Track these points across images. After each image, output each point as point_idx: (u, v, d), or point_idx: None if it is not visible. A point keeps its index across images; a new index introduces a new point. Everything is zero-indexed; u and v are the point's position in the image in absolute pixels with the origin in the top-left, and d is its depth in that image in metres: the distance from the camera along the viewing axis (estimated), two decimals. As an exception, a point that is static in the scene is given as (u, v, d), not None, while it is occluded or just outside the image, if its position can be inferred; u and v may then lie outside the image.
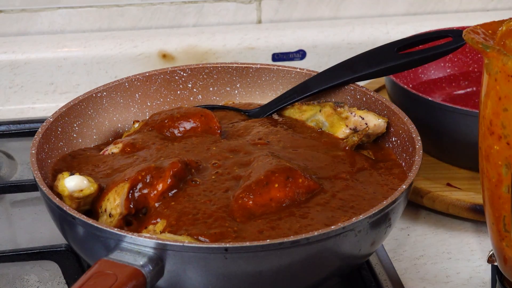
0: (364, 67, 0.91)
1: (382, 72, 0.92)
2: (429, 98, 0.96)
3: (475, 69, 1.17)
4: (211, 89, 1.00)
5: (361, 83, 0.95)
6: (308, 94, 0.94)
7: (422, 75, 1.15)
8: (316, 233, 0.68)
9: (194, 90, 1.00)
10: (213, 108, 0.97)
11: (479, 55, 1.15)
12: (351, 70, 0.92)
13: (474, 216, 0.93)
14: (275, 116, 0.95)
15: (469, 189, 0.96)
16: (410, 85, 1.13)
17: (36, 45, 1.24)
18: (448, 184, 0.97)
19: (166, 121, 0.91)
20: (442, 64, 1.16)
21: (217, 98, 1.01)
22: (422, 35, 0.95)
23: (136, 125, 0.93)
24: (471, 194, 0.94)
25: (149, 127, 0.91)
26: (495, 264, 0.78)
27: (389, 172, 0.85)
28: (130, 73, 1.16)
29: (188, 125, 0.90)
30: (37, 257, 0.85)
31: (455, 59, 1.17)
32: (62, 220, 0.74)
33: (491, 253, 0.78)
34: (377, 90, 1.15)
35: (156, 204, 0.77)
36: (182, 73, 0.99)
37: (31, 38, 1.26)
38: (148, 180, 0.78)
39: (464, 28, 1.12)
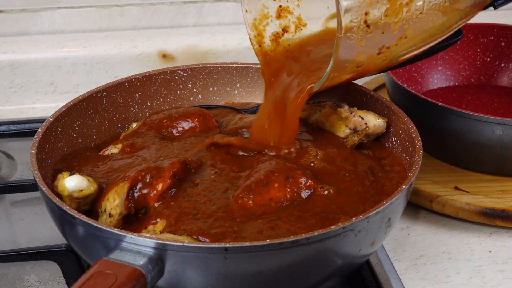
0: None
1: None
2: (430, 100, 0.96)
3: (466, 66, 1.18)
4: (211, 89, 1.00)
5: (360, 83, 0.95)
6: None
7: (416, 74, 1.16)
8: (316, 233, 0.68)
9: (194, 90, 1.00)
10: (209, 107, 0.97)
11: (470, 52, 1.16)
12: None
13: (484, 220, 0.93)
14: None
15: (477, 192, 0.96)
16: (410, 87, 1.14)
17: (36, 45, 1.24)
18: (456, 188, 0.97)
19: (164, 121, 0.91)
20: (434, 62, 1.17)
21: (217, 98, 1.01)
22: None
23: (134, 125, 0.93)
24: (480, 198, 0.94)
25: (147, 127, 0.91)
26: None
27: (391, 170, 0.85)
28: (130, 73, 1.16)
29: (186, 125, 0.90)
30: (37, 257, 0.85)
31: (447, 56, 1.17)
32: (62, 220, 0.74)
33: None
34: (377, 90, 1.16)
35: (156, 204, 0.77)
36: (182, 73, 0.99)
37: (31, 38, 1.26)
38: (147, 180, 0.78)
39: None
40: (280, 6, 0.90)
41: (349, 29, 0.73)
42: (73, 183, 0.78)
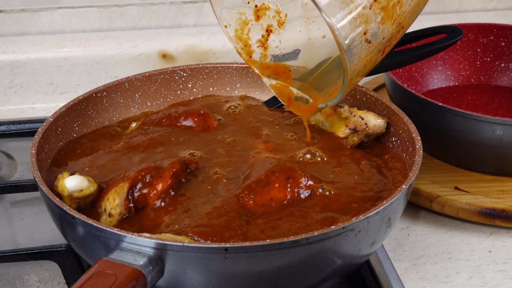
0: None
1: (378, 69, 0.92)
2: (430, 100, 0.96)
3: (466, 66, 1.18)
4: (211, 89, 1.00)
5: (360, 83, 0.95)
6: (307, 94, 0.94)
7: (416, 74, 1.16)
8: (316, 233, 0.68)
9: (194, 90, 1.00)
10: None
11: (470, 52, 1.17)
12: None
13: (484, 220, 0.93)
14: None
15: (478, 192, 0.96)
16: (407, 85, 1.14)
17: (36, 45, 1.24)
18: (456, 188, 0.97)
19: (164, 120, 0.91)
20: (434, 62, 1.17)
21: (217, 98, 1.01)
22: (417, 32, 0.96)
23: (134, 124, 0.93)
24: (480, 198, 0.94)
25: (146, 127, 0.91)
26: None
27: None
28: (130, 73, 1.16)
29: (186, 124, 0.90)
30: (37, 257, 0.85)
31: (447, 56, 1.17)
32: (62, 220, 0.74)
33: None
34: (377, 90, 1.16)
35: (156, 204, 0.77)
36: (182, 73, 0.99)
37: (31, 38, 1.26)
38: (147, 180, 0.78)
39: (460, 25, 1.13)
40: (256, 5, 0.89)
41: (354, 56, 0.73)
42: (73, 183, 0.78)
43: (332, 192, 0.79)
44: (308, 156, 0.84)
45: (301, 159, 0.84)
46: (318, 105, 0.84)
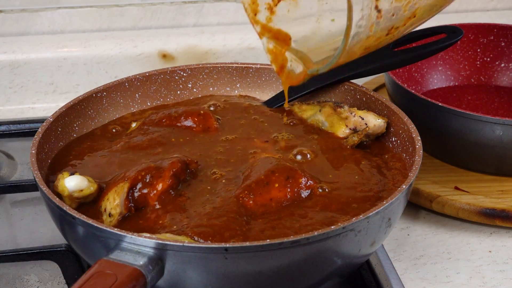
0: (360, 65, 0.91)
1: (378, 69, 0.92)
2: (430, 100, 0.96)
3: (466, 66, 1.18)
4: (211, 89, 1.00)
5: (360, 83, 0.95)
6: (305, 92, 0.94)
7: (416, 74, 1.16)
8: (316, 233, 0.68)
9: (194, 90, 1.00)
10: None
11: (470, 52, 1.16)
12: (347, 68, 0.92)
13: (484, 220, 0.93)
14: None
15: (478, 192, 0.96)
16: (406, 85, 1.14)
17: (36, 45, 1.24)
18: (456, 188, 0.97)
19: (164, 120, 0.91)
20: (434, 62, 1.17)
21: (217, 98, 1.01)
22: (417, 32, 0.96)
23: (134, 124, 0.93)
24: (480, 198, 0.94)
25: (146, 127, 0.91)
26: None
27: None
28: (130, 73, 1.16)
29: (186, 124, 0.90)
30: (37, 257, 0.85)
31: (447, 56, 1.17)
32: (62, 220, 0.74)
33: None
34: (377, 90, 1.16)
35: (156, 204, 0.77)
36: (182, 73, 0.99)
37: (31, 38, 1.26)
38: (147, 180, 0.78)
39: (460, 25, 1.13)
40: None
41: (360, 17, 0.72)
42: (73, 183, 0.78)
43: (332, 192, 0.79)
44: (299, 157, 0.84)
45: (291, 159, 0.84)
46: (308, 70, 0.83)
